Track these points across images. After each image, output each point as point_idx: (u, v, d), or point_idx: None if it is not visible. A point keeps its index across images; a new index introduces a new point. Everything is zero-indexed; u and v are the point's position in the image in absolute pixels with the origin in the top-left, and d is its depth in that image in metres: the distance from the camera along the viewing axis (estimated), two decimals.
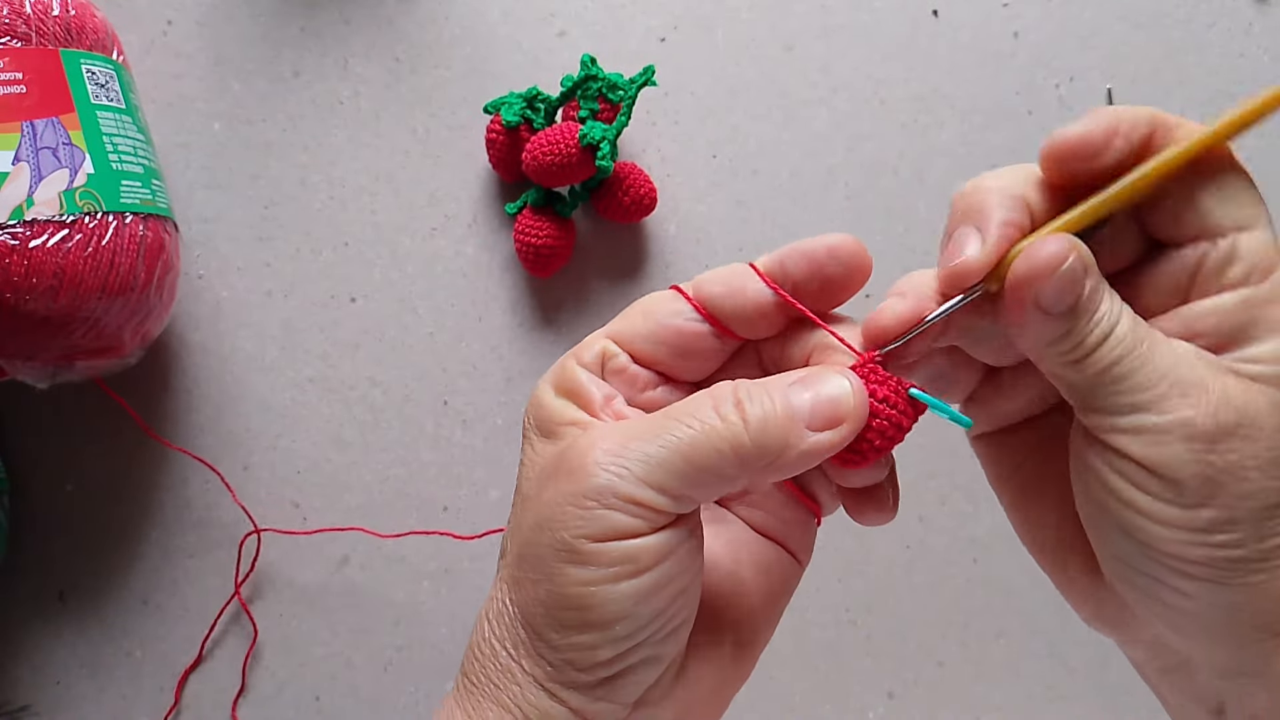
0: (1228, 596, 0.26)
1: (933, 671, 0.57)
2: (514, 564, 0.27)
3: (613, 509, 0.25)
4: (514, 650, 0.26)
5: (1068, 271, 0.26)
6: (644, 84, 0.52)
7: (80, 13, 0.49)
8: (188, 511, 0.56)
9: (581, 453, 0.26)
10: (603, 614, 0.25)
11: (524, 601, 0.26)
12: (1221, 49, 0.58)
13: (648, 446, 0.25)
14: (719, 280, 0.29)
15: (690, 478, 0.25)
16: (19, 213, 0.44)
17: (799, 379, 0.27)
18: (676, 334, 0.29)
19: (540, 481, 0.27)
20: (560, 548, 0.25)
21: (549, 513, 0.26)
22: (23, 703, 0.55)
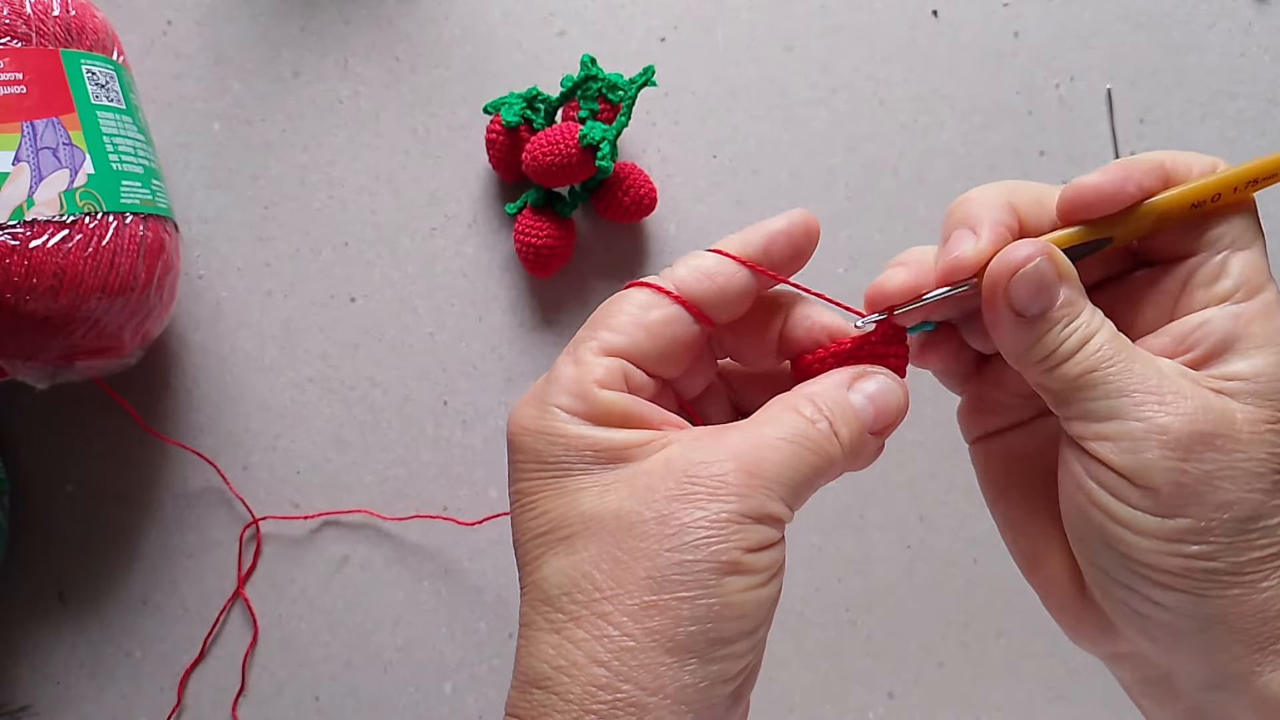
0: (1204, 609, 0.26)
1: (933, 671, 0.57)
2: (643, 588, 0.26)
3: (764, 524, 0.26)
4: (651, 684, 0.25)
5: (1034, 272, 0.27)
6: (644, 84, 0.52)
7: (80, 13, 0.49)
8: (187, 512, 0.56)
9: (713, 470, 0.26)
10: (759, 616, 0.26)
11: (669, 625, 0.25)
12: (1222, 49, 0.58)
13: (776, 467, 0.27)
14: (698, 275, 0.29)
15: (805, 492, 0.27)
16: (19, 213, 0.44)
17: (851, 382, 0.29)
18: (675, 341, 0.29)
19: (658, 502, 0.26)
20: (723, 561, 0.25)
21: (697, 532, 0.26)
22: (22, 703, 0.55)
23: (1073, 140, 0.58)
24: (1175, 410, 0.26)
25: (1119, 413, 0.26)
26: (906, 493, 0.57)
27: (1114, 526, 0.27)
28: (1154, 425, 0.26)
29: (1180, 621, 0.27)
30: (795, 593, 0.57)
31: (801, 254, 0.30)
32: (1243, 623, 0.26)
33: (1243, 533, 0.26)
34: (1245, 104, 0.58)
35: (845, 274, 0.57)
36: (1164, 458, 0.26)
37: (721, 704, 0.26)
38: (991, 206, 0.29)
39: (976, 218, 0.29)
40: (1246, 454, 0.26)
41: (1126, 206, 0.28)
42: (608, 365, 0.28)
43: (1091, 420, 0.27)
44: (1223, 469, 0.26)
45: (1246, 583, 0.26)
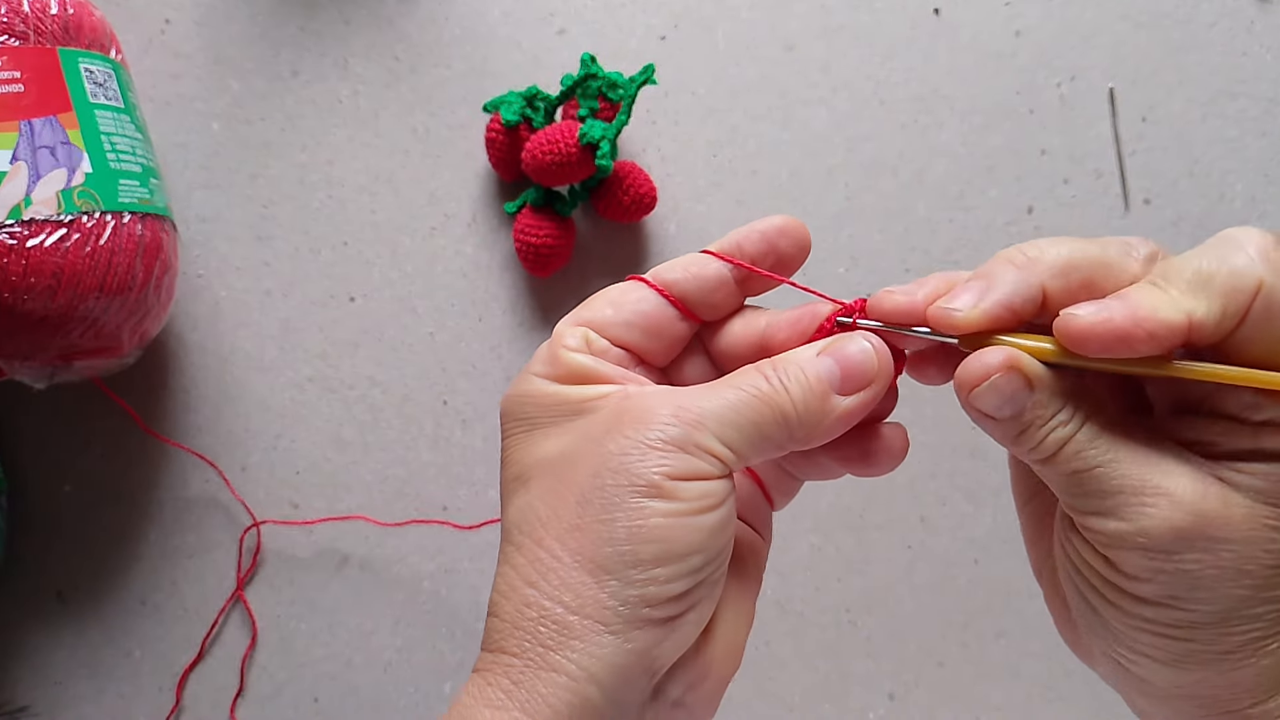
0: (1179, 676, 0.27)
1: (933, 672, 0.57)
2: (573, 513, 0.27)
3: (691, 454, 0.27)
4: (573, 602, 0.26)
5: (993, 385, 0.26)
6: (644, 83, 0.52)
7: (78, 11, 0.49)
8: (186, 512, 0.56)
9: (648, 408, 0.27)
10: (683, 545, 0.26)
11: (588, 546, 0.27)
12: (1223, 48, 0.58)
13: (714, 407, 0.27)
14: (677, 268, 0.31)
15: (750, 438, 0.27)
16: (17, 212, 0.44)
17: (822, 348, 0.29)
18: (646, 318, 0.31)
19: (595, 438, 0.28)
20: (640, 484, 0.26)
21: (621, 458, 0.27)
22: (22, 703, 0.55)
23: (1074, 140, 0.58)
24: (1159, 511, 0.25)
25: (1102, 511, 0.26)
26: (906, 493, 0.57)
27: (1096, 598, 0.27)
28: (1135, 528, 0.25)
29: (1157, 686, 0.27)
30: (795, 593, 0.57)
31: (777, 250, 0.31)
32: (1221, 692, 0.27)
33: (1224, 623, 0.26)
34: (1247, 103, 0.58)
35: (845, 274, 0.57)
36: (1145, 558, 0.25)
37: (649, 630, 0.26)
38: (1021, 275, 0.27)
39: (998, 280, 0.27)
40: (1237, 552, 0.25)
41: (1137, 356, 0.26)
42: (575, 332, 0.30)
43: (1078, 512, 0.27)
44: (1206, 568, 0.25)
45: (1227, 663, 0.26)
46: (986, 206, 0.58)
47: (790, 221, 0.31)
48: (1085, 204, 0.58)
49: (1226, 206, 0.58)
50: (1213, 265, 0.25)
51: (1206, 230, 0.58)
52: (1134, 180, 0.58)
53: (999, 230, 0.58)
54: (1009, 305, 0.27)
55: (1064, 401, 0.27)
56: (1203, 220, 0.58)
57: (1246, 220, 0.58)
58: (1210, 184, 0.58)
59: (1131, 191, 0.58)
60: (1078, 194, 0.58)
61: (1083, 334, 0.25)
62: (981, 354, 0.26)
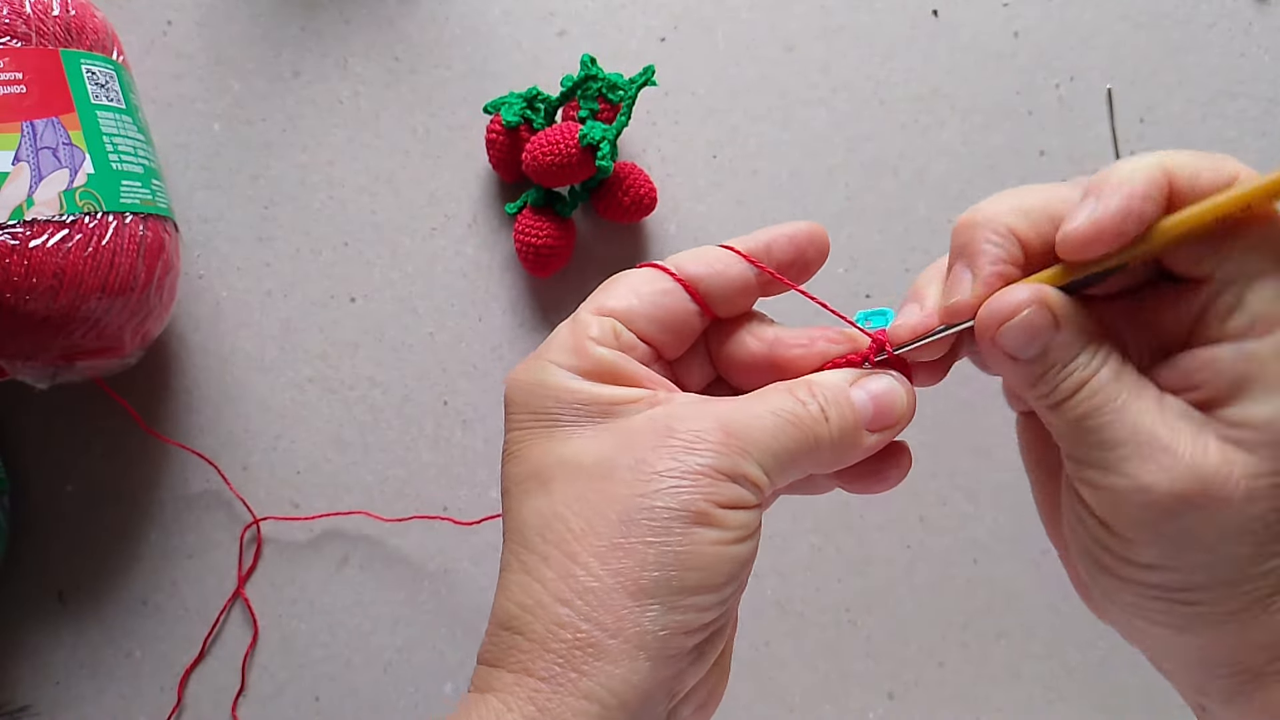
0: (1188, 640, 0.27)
1: (933, 672, 0.57)
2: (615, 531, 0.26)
3: (738, 483, 0.26)
4: (612, 625, 0.25)
5: (1025, 322, 0.26)
6: (644, 84, 0.52)
7: (80, 13, 0.49)
8: (187, 512, 0.56)
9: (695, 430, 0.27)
10: (723, 574, 0.26)
11: (634, 568, 0.26)
12: (1222, 49, 0.58)
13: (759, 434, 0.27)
14: (699, 261, 0.30)
15: (785, 466, 0.27)
16: (19, 213, 0.44)
17: (854, 380, 0.29)
18: (669, 312, 0.30)
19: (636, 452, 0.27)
20: (692, 510, 0.26)
21: (673, 481, 0.26)
22: (22, 703, 0.55)
23: (1073, 140, 0.58)
24: (1160, 468, 0.25)
25: (1105, 464, 0.26)
26: (906, 493, 0.57)
27: (1099, 562, 0.27)
28: (1135, 484, 0.25)
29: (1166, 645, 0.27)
30: (795, 593, 0.57)
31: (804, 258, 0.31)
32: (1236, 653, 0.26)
33: (1228, 583, 0.25)
34: (1246, 104, 0.58)
35: (845, 274, 0.57)
36: (1144, 516, 0.25)
37: (681, 658, 0.26)
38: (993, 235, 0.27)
39: (975, 250, 0.27)
40: (1237, 511, 0.24)
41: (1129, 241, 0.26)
42: (602, 323, 0.29)
43: (1081, 465, 0.26)
44: (1205, 527, 0.25)
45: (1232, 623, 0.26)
46: None
47: (818, 230, 0.31)
48: None
49: None
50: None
51: None
52: None
53: None
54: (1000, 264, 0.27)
55: (1086, 340, 0.26)
56: None
57: None
58: None
59: None
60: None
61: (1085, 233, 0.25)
62: (1006, 292, 0.26)
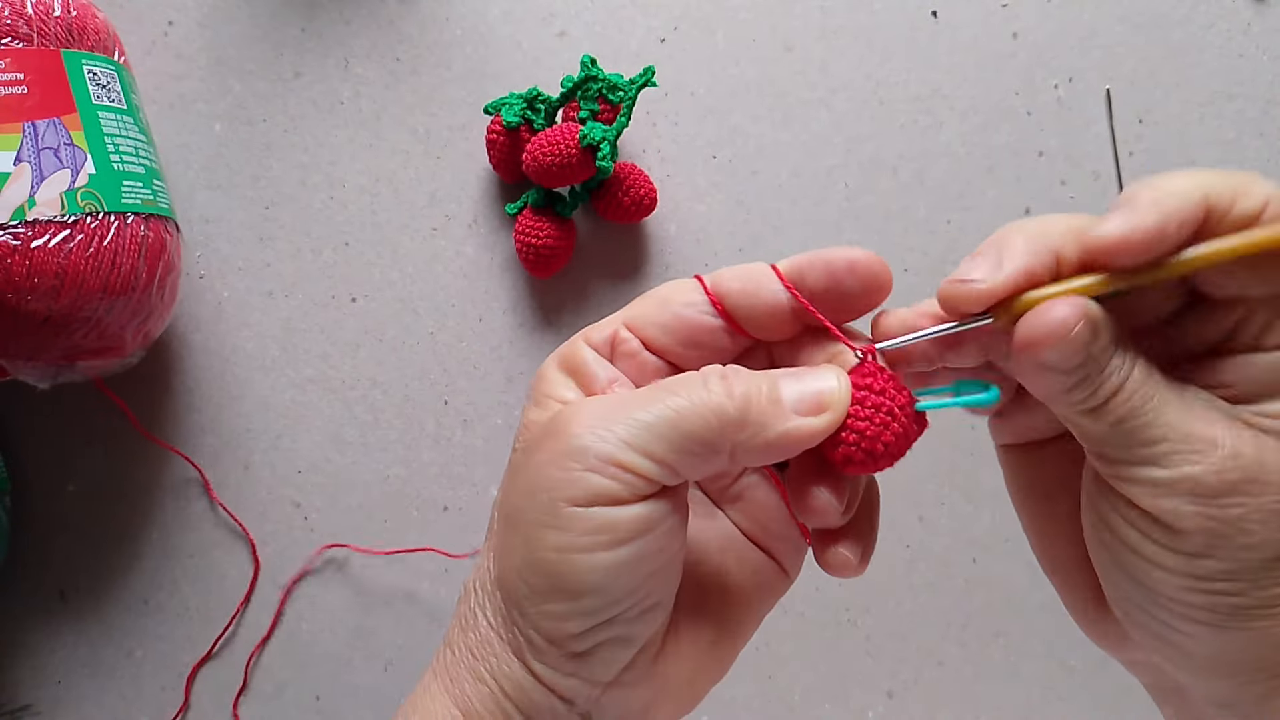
0: (1227, 639, 0.26)
1: (933, 671, 0.57)
2: (499, 531, 0.27)
3: (594, 471, 0.25)
4: (493, 619, 0.27)
5: (1073, 339, 0.25)
6: (644, 84, 0.53)
7: (82, 13, 0.49)
8: (188, 511, 0.56)
9: (568, 418, 0.26)
10: (574, 583, 0.25)
11: (504, 569, 0.27)
12: (1220, 49, 0.58)
13: (635, 412, 0.25)
14: (737, 277, 0.29)
15: (676, 444, 0.25)
16: (20, 213, 0.44)
17: (792, 372, 0.27)
18: (688, 325, 0.29)
19: (528, 449, 0.27)
20: (542, 511, 0.25)
21: (534, 477, 0.26)
22: (23, 702, 0.55)
23: (1072, 141, 0.58)
24: (1206, 459, 0.25)
25: (1149, 460, 0.26)
26: (906, 493, 0.57)
27: (1139, 561, 0.27)
28: (1183, 475, 0.25)
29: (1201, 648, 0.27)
30: (795, 593, 0.57)
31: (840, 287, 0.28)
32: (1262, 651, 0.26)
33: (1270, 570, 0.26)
34: (1244, 104, 0.58)
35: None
36: (1193, 505, 0.25)
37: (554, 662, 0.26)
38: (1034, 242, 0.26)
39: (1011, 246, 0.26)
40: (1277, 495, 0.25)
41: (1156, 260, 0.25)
42: (606, 325, 0.29)
43: (1122, 464, 0.26)
44: (1251, 512, 0.25)
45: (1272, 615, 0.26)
46: (985, 207, 0.58)
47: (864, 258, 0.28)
48: (1083, 205, 0.58)
49: None
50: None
51: None
52: (1131, 181, 0.58)
53: None
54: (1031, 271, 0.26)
55: (1117, 346, 0.26)
56: None
57: None
58: None
59: None
60: (1075, 195, 0.58)
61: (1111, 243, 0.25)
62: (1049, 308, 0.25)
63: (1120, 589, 0.28)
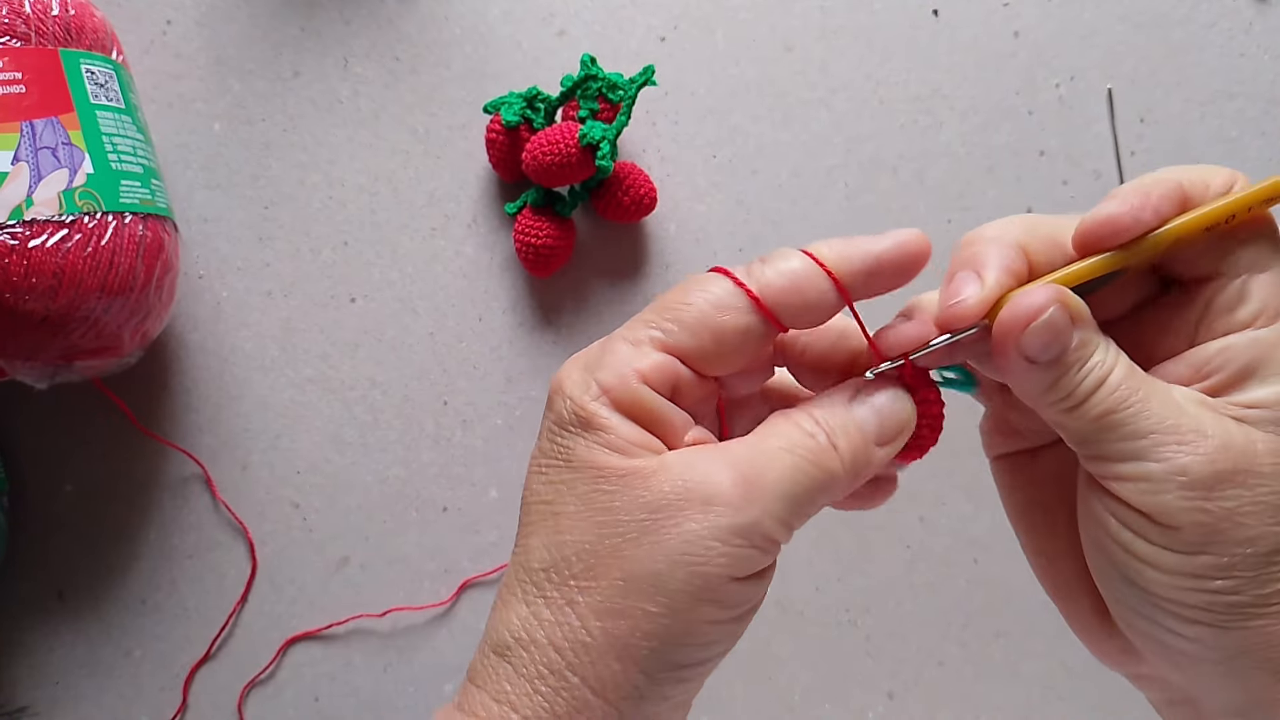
0: (1229, 640, 0.26)
1: (933, 672, 0.57)
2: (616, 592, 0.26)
3: (756, 546, 0.26)
4: (596, 685, 0.25)
5: (1048, 322, 0.26)
6: (644, 84, 0.52)
7: (80, 12, 0.49)
8: (187, 511, 0.56)
9: (710, 486, 0.26)
10: (718, 649, 0.26)
11: (629, 635, 0.25)
12: (1221, 49, 0.58)
13: (775, 481, 0.26)
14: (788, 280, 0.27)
15: (806, 507, 0.27)
16: (18, 213, 0.44)
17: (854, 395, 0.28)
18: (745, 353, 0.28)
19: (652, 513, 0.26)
20: (701, 584, 0.25)
21: (683, 549, 0.25)
22: (22, 703, 0.55)
23: (1073, 140, 0.58)
24: (1195, 450, 0.25)
25: (1138, 454, 0.26)
26: (906, 493, 0.57)
27: (1135, 563, 0.27)
28: (1174, 467, 0.25)
29: (1204, 651, 0.27)
30: (795, 593, 0.57)
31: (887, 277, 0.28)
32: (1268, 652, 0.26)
33: (1267, 565, 0.25)
34: (1245, 104, 0.58)
35: None
36: (1184, 498, 0.25)
37: (659, 702, 0.26)
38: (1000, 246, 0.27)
39: (983, 258, 0.27)
40: (1269, 487, 0.25)
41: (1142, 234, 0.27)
42: (658, 361, 0.27)
43: (1110, 461, 0.26)
44: (1244, 505, 0.25)
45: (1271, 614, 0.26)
46: (986, 207, 0.58)
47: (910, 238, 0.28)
48: (1084, 204, 0.58)
49: None
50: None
51: None
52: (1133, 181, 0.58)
53: None
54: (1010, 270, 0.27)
55: (1099, 337, 0.27)
56: None
57: None
58: None
59: None
60: (1076, 194, 0.58)
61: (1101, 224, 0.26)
62: (1024, 294, 0.26)
63: (1119, 595, 0.28)
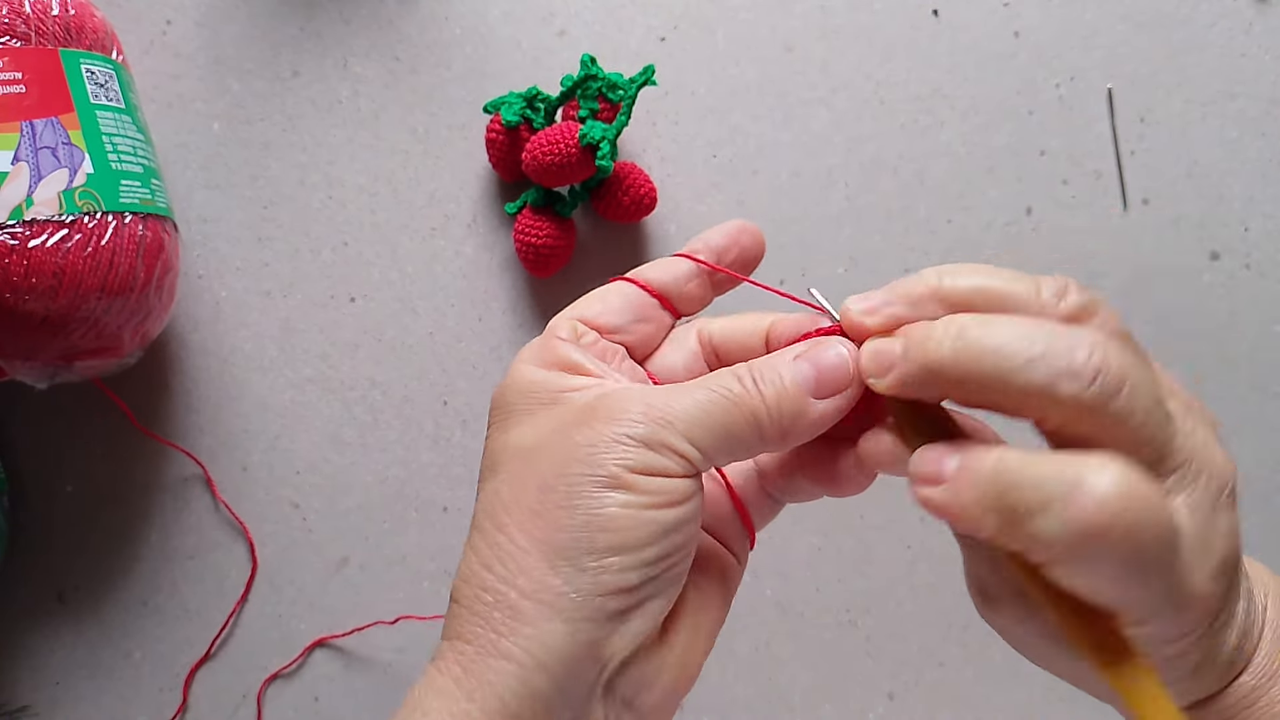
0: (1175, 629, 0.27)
1: (933, 672, 0.57)
2: (534, 499, 0.28)
3: (655, 450, 0.27)
4: (527, 587, 0.27)
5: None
6: (644, 84, 0.52)
7: (80, 12, 0.49)
8: (187, 512, 0.56)
9: (619, 404, 0.28)
10: (638, 537, 0.27)
11: (545, 531, 0.27)
12: (1222, 49, 0.58)
13: (684, 406, 0.28)
14: (655, 268, 0.34)
15: (719, 439, 0.28)
16: (18, 213, 0.44)
17: (799, 353, 0.29)
18: (631, 307, 0.33)
19: (564, 429, 0.29)
20: (603, 475, 0.27)
21: (587, 449, 0.28)
22: (22, 703, 0.55)
23: (1073, 140, 0.58)
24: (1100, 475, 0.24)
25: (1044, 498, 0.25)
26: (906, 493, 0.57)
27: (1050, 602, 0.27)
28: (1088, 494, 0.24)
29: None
30: (795, 593, 0.57)
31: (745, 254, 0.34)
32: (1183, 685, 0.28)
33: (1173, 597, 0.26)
34: (1246, 104, 0.58)
35: (845, 274, 0.57)
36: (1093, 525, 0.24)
37: (601, 622, 0.27)
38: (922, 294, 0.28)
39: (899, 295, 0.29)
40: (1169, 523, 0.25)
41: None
42: (569, 324, 0.32)
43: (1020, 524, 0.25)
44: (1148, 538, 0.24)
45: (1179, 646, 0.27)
46: (986, 207, 0.58)
47: (748, 224, 0.34)
48: (1084, 204, 0.58)
49: (1225, 207, 0.58)
50: None
51: (1205, 230, 0.58)
52: (1133, 181, 0.58)
53: (998, 230, 0.58)
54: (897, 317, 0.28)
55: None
56: (1202, 220, 0.58)
57: (1245, 220, 0.58)
58: (1209, 184, 0.58)
59: (1130, 192, 0.58)
60: (1077, 194, 0.58)
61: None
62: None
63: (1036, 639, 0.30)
